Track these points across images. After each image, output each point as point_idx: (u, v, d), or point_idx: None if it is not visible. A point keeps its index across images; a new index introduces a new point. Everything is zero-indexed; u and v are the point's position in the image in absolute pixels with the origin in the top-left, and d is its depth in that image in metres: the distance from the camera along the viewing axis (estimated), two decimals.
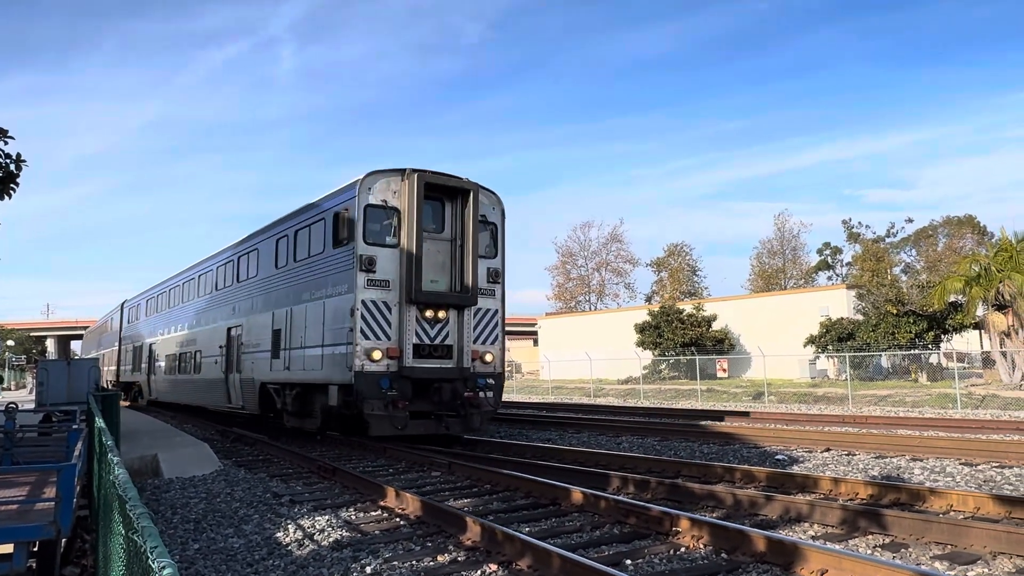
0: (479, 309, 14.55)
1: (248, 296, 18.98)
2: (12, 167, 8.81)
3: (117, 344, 36.40)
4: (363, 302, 13.28)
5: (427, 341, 13.81)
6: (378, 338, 13.29)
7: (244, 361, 18.54)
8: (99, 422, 7.78)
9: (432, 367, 13.79)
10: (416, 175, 13.71)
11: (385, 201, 13.81)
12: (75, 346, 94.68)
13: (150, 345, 29.38)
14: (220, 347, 20.41)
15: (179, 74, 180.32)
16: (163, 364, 27.26)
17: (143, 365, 30.45)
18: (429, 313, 13.85)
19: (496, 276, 15.08)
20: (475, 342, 14.42)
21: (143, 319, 31.78)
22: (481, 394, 14.19)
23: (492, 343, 14.76)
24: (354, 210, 13.66)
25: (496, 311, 14.96)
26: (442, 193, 14.37)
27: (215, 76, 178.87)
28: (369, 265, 13.37)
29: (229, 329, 20.01)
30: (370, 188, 13.72)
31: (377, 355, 13.13)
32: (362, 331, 13.14)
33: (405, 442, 14.15)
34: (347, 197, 14.02)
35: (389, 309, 13.54)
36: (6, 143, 8.79)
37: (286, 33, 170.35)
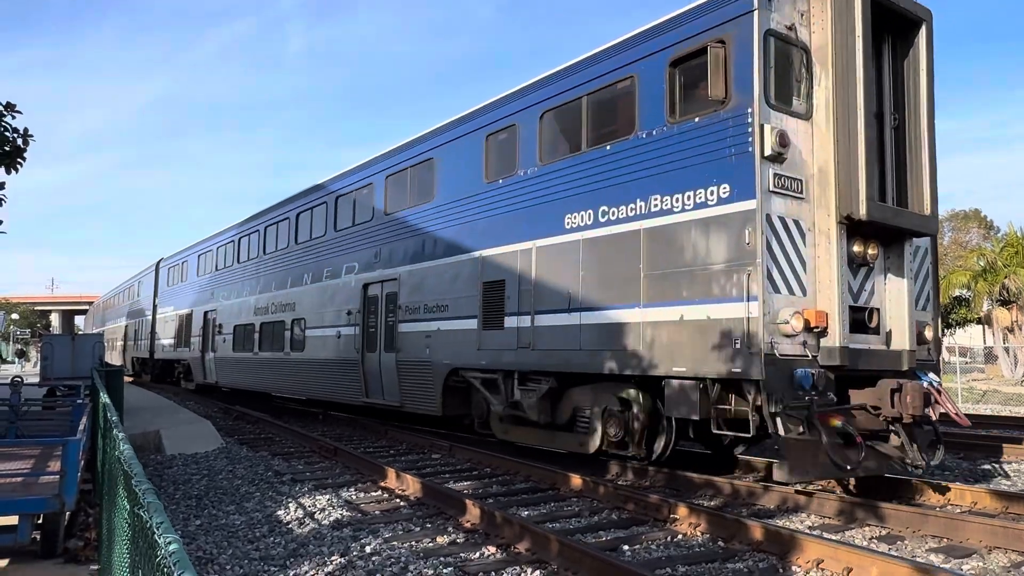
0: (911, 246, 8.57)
1: (412, 234, 12.92)
2: (19, 141, 8.80)
3: (151, 313, 30.25)
4: (769, 219, 7.37)
5: (850, 301, 7.90)
6: (791, 291, 7.52)
7: (405, 335, 12.78)
8: (103, 397, 7.85)
9: (864, 349, 7.97)
10: None
11: (793, 29, 7.84)
12: (79, 321, 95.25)
13: (205, 313, 23.09)
14: (348, 313, 14.63)
15: (186, 52, 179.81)
16: (230, 338, 20.79)
17: (194, 339, 23.99)
18: (857, 248, 7.94)
19: None
20: (915, 305, 8.63)
21: (193, 280, 25.29)
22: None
23: (926, 307, 9.03)
24: (742, 38, 7.61)
25: (926, 251, 9.13)
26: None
27: (223, 54, 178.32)
28: (780, 147, 7.42)
29: (366, 286, 14.17)
30: (771, 1, 7.69)
31: (796, 324, 7.33)
32: (768, 275, 7.33)
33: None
34: (721, 18, 7.87)
35: (803, 237, 7.70)
36: (13, 117, 8.77)
37: (294, 13, 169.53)
